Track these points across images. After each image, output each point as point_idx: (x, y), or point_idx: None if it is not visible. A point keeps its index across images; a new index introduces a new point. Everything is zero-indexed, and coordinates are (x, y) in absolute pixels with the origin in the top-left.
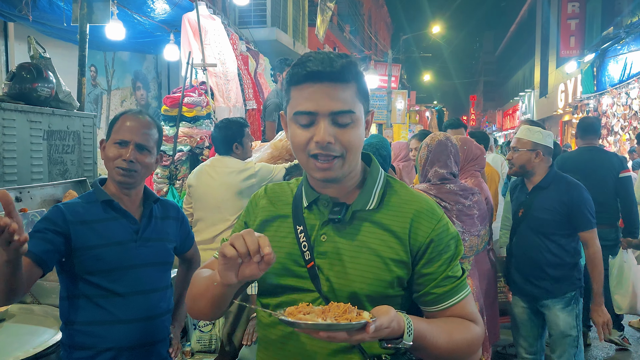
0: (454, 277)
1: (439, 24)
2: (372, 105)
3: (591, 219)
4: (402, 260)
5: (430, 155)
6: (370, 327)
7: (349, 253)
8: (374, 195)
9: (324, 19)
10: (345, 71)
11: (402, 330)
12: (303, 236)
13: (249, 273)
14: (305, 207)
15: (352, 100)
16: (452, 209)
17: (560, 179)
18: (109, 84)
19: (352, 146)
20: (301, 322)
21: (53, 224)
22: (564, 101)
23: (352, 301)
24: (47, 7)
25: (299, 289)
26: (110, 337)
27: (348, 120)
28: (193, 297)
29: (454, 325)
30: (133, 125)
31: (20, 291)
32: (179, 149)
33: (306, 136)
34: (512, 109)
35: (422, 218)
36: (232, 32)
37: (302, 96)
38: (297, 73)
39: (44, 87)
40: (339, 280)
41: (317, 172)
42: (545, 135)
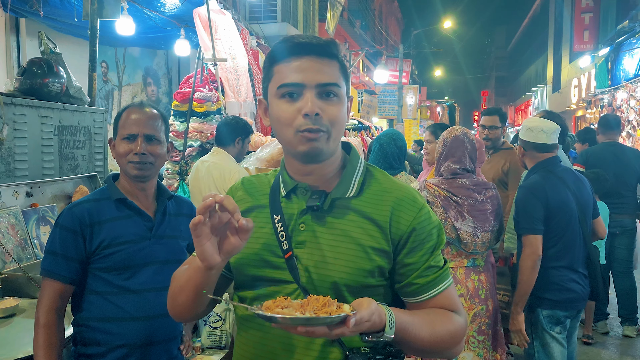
0: (437, 267)
1: (450, 19)
2: (383, 100)
3: (523, 224)
4: (383, 249)
5: (445, 149)
6: (351, 320)
7: (328, 242)
8: (353, 183)
9: (334, 14)
10: (330, 46)
11: (384, 323)
12: (280, 226)
13: (231, 246)
14: (284, 196)
15: (337, 76)
16: (464, 204)
17: (529, 175)
18: (120, 79)
19: (337, 121)
20: (278, 317)
21: (72, 232)
22: (578, 96)
23: (332, 292)
24: (58, 3)
25: (277, 281)
26: (122, 334)
27: (334, 94)
28: (172, 294)
29: (437, 316)
30: (138, 118)
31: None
32: (190, 144)
33: (292, 109)
34: (525, 104)
35: (403, 206)
36: (243, 27)
37: (289, 69)
38: (281, 48)
39: (55, 82)
40: (318, 270)
41: (303, 144)
42: (524, 129)
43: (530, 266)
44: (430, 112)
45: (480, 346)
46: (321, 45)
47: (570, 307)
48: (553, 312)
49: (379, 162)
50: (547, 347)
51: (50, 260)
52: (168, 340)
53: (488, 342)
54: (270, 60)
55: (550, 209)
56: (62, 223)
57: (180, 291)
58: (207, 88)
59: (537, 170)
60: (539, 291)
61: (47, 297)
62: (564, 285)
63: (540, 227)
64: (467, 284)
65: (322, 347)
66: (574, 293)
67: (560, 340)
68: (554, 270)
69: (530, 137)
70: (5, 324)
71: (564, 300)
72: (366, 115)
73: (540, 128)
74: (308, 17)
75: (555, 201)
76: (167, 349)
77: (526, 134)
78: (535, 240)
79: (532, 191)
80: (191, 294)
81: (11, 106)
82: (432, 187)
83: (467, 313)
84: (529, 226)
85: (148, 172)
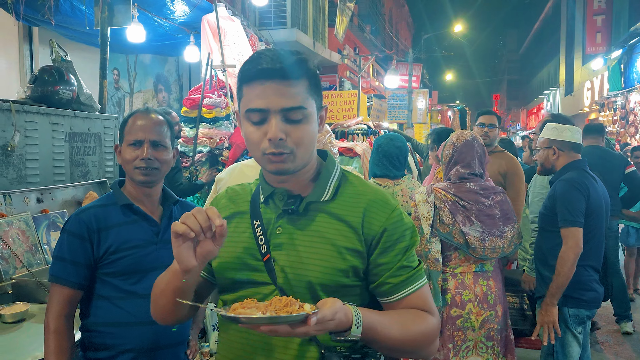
0: (410, 267)
1: (461, 23)
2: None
3: (567, 216)
4: (357, 249)
5: (455, 154)
6: (312, 319)
7: (303, 243)
8: (328, 187)
9: (344, 19)
10: (295, 68)
11: (350, 322)
12: (260, 230)
13: (206, 250)
14: (262, 202)
15: (304, 97)
16: (472, 208)
17: (564, 173)
18: (132, 86)
19: (302, 142)
20: (241, 317)
21: (80, 237)
22: (590, 99)
23: (308, 291)
24: (69, 11)
25: (256, 283)
26: (130, 338)
27: (299, 117)
28: (154, 297)
29: (409, 316)
30: (144, 124)
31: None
32: (199, 150)
33: (259, 134)
34: (537, 108)
35: (375, 208)
36: (252, 34)
37: (254, 93)
38: (248, 70)
39: (66, 89)
40: (294, 271)
41: (270, 164)
42: (561, 130)
43: (572, 259)
44: (441, 116)
45: (489, 352)
46: (285, 68)
47: (593, 306)
48: (578, 311)
49: (378, 162)
50: (567, 347)
51: (59, 266)
52: (175, 344)
53: (497, 347)
54: (239, 79)
55: (590, 206)
56: (70, 229)
57: (161, 295)
58: (216, 94)
59: (571, 169)
60: (567, 289)
61: (56, 303)
62: (589, 285)
63: (582, 221)
64: (475, 289)
65: (300, 347)
66: (596, 293)
67: (581, 341)
68: (581, 268)
69: (566, 137)
70: (15, 329)
71: (589, 299)
72: (376, 119)
73: (565, 127)
74: (318, 22)
75: (594, 199)
76: (174, 354)
77: (561, 134)
78: (577, 233)
79: (575, 185)
80: (171, 297)
81: (22, 113)
82: (439, 192)
83: (476, 319)
84: (572, 218)
85: (154, 177)
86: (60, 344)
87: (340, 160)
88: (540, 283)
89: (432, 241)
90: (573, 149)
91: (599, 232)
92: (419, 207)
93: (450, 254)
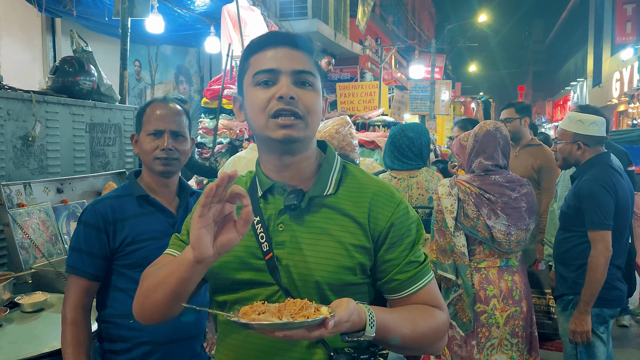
0: (417, 262)
1: (485, 13)
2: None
3: (596, 218)
4: (364, 245)
5: (476, 145)
6: (329, 322)
7: (307, 241)
8: (330, 180)
9: (366, 9)
10: (305, 41)
11: (364, 322)
12: (260, 227)
13: (227, 239)
14: (260, 197)
15: (312, 68)
16: (497, 202)
17: (588, 169)
18: (153, 78)
19: (313, 109)
20: (254, 323)
21: (96, 229)
22: (619, 90)
23: (315, 291)
24: (91, 2)
25: (258, 283)
26: (146, 330)
27: (310, 82)
28: (145, 292)
29: (418, 312)
30: (164, 113)
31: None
32: (219, 142)
33: (267, 95)
34: (563, 100)
35: (381, 202)
36: (272, 24)
37: (264, 57)
38: (257, 41)
39: (86, 80)
40: (298, 270)
41: (278, 130)
42: (587, 124)
43: (603, 263)
44: (464, 108)
45: (514, 349)
46: (296, 37)
47: (616, 304)
48: (601, 310)
49: (389, 153)
50: (591, 347)
51: (75, 258)
52: (191, 337)
53: (522, 345)
54: (246, 53)
55: (618, 205)
56: (86, 220)
57: (157, 288)
58: (236, 85)
59: (596, 164)
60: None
61: (73, 294)
62: (612, 284)
63: (611, 223)
64: (500, 284)
65: (306, 349)
66: (619, 291)
67: (605, 340)
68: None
69: (592, 131)
70: (34, 319)
71: (612, 298)
72: (397, 111)
73: (591, 120)
74: (339, 13)
75: (621, 198)
76: (190, 346)
77: (588, 128)
78: (607, 236)
79: (602, 184)
80: (169, 291)
81: (43, 104)
82: (463, 185)
83: (501, 315)
84: (601, 221)
85: (174, 167)
86: (77, 335)
87: (360, 152)
88: (559, 282)
89: (457, 235)
90: (599, 143)
91: (625, 230)
92: (442, 200)
93: (474, 248)
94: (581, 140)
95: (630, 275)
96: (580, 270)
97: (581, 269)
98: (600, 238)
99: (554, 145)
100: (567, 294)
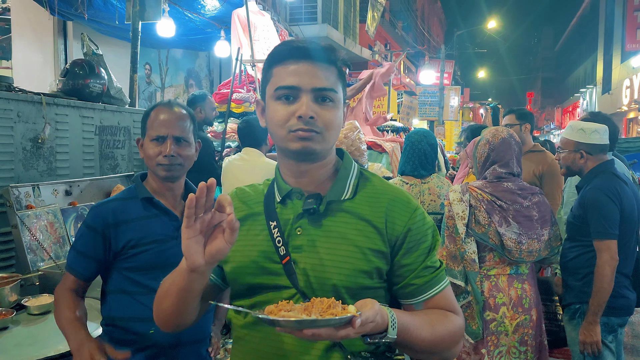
0: (433, 267)
1: (494, 19)
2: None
3: (601, 228)
4: (381, 250)
5: (492, 153)
6: (357, 321)
7: (325, 245)
8: (348, 186)
9: (375, 15)
10: (328, 53)
11: (386, 324)
12: (277, 231)
13: (216, 248)
14: (279, 202)
15: (334, 81)
16: (509, 209)
17: (593, 178)
18: (163, 81)
19: (332, 125)
20: (282, 320)
21: (93, 230)
22: (629, 97)
23: (332, 294)
24: (102, 6)
25: (275, 287)
26: (151, 334)
27: (331, 99)
28: (157, 299)
29: (436, 316)
30: (167, 118)
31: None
32: (227, 145)
33: (287, 111)
34: (573, 106)
35: (398, 207)
36: (282, 29)
37: (286, 72)
38: (280, 51)
39: (96, 83)
40: (316, 274)
41: (296, 142)
42: (589, 132)
43: (610, 273)
44: (472, 113)
45: (522, 357)
46: (319, 50)
47: (624, 313)
48: (608, 319)
49: (411, 160)
50: (600, 357)
51: (72, 256)
52: (196, 341)
53: (531, 354)
54: (269, 62)
55: (623, 213)
56: (87, 221)
57: (165, 296)
58: (245, 89)
59: (600, 173)
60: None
61: (65, 286)
62: (619, 292)
63: (616, 232)
64: (509, 292)
65: (323, 352)
66: (627, 299)
67: (613, 349)
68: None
69: (595, 139)
70: (40, 321)
71: (619, 306)
72: (406, 116)
73: (593, 128)
74: (349, 18)
75: (627, 206)
76: (195, 350)
77: (590, 136)
78: (612, 245)
79: (606, 193)
80: (174, 298)
81: (53, 106)
82: (475, 191)
83: (510, 323)
84: (606, 230)
85: (177, 173)
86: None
87: (368, 155)
88: (566, 291)
89: (468, 241)
90: (602, 151)
91: (632, 238)
92: (454, 206)
93: (484, 255)
94: (583, 148)
95: (639, 283)
96: (586, 279)
97: (587, 277)
98: (605, 247)
99: (558, 154)
100: (574, 302)
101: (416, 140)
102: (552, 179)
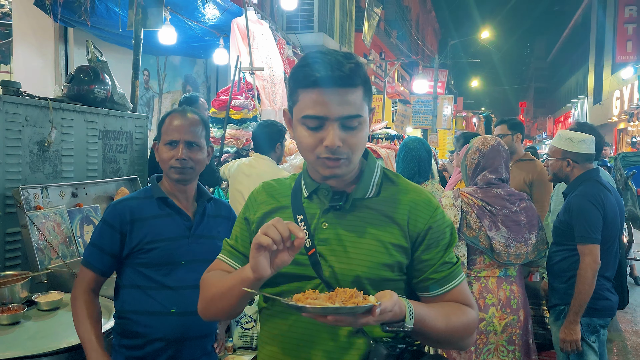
0: (450, 263)
1: (488, 29)
2: (418, 110)
3: (584, 232)
4: (402, 245)
5: (482, 160)
6: (376, 310)
7: (350, 239)
8: (372, 184)
9: (371, 24)
10: (354, 75)
11: (404, 313)
12: (303, 225)
13: (281, 260)
14: (306, 197)
15: (360, 104)
16: (498, 214)
17: (578, 185)
18: (161, 87)
19: (358, 148)
20: (309, 307)
21: (111, 227)
22: (619, 108)
23: (355, 285)
24: (105, 13)
25: (300, 277)
26: (160, 327)
27: (356, 124)
28: (210, 298)
29: (451, 309)
30: (180, 124)
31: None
32: (226, 150)
33: (315, 139)
34: (564, 116)
35: (420, 206)
36: (280, 37)
37: (311, 99)
38: (305, 76)
39: (101, 89)
40: (340, 265)
41: (325, 169)
42: (577, 142)
43: (591, 276)
44: (465, 122)
45: (510, 356)
46: (344, 76)
47: (606, 314)
48: (590, 320)
49: (410, 166)
50: (583, 356)
51: (89, 251)
52: (203, 336)
53: (519, 352)
54: (294, 81)
55: (606, 220)
56: (105, 217)
57: (222, 297)
58: (243, 96)
59: (584, 181)
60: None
61: (82, 281)
62: (601, 294)
63: (599, 237)
64: (498, 293)
65: (347, 338)
66: (609, 301)
67: (597, 349)
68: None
69: (581, 149)
70: (50, 316)
71: (601, 308)
72: (400, 124)
73: (580, 138)
74: (344, 27)
75: (610, 212)
76: (201, 345)
77: (577, 145)
78: (595, 250)
79: (590, 200)
80: (234, 301)
81: (59, 111)
82: (466, 196)
83: (499, 323)
84: (589, 235)
85: (189, 176)
86: (90, 310)
87: None
88: (552, 293)
89: (458, 245)
90: (587, 160)
91: (614, 243)
92: (446, 210)
93: (475, 258)
94: (570, 157)
95: (622, 287)
96: (570, 282)
97: (572, 280)
98: (588, 251)
99: (546, 161)
100: (559, 304)
101: (414, 147)
102: (542, 187)
